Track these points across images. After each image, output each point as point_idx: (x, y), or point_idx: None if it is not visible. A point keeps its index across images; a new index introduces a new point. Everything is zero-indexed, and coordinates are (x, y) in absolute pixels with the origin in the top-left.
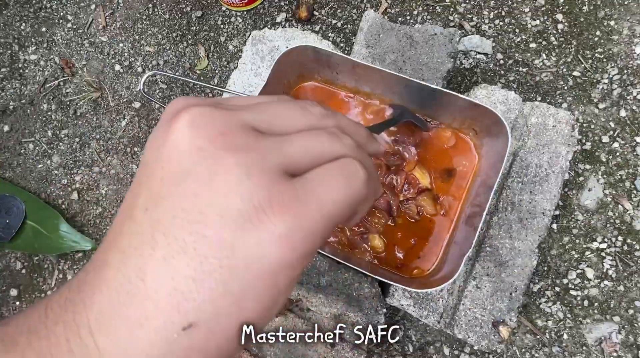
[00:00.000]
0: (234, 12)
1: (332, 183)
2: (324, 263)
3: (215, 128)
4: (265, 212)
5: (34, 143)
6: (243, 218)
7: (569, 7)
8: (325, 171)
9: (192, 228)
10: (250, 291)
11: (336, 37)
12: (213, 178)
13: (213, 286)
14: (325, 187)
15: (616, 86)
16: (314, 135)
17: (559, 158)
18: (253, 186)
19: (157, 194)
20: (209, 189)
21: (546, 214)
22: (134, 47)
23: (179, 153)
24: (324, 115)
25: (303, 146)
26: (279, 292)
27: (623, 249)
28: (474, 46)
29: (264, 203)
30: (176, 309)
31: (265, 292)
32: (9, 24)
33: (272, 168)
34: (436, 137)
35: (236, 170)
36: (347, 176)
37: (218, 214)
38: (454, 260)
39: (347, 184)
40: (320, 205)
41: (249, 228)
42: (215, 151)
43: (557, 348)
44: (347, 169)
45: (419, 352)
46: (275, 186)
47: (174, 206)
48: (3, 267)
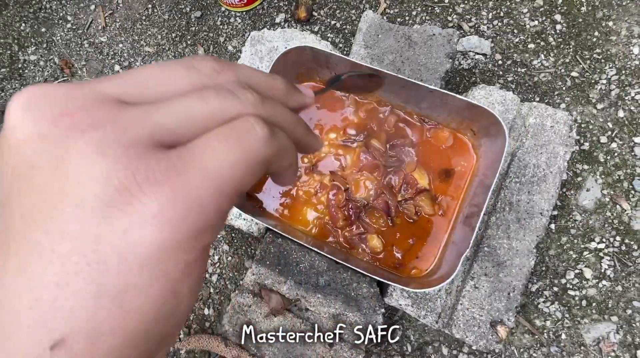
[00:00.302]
0: (233, 12)
1: (219, 146)
2: (323, 263)
3: (58, 107)
4: (131, 191)
5: None
6: (104, 203)
7: (568, 7)
8: (210, 134)
9: (46, 226)
10: (131, 287)
11: (335, 37)
12: (61, 165)
13: (82, 287)
14: (210, 152)
15: (614, 87)
16: (197, 96)
17: (557, 158)
18: (110, 165)
19: (4, 195)
20: (58, 179)
21: (544, 214)
22: (134, 48)
23: (18, 143)
24: (216, 70)
25: (182, 111)
26: (174, 280)
27: (621, 249)
28: (473, 47)
29: (127, 181)
30: (42, 324)
31: (151, 284)
32: (8, 25)
33: (136, 140)
34: (434, 137)
35: (87, 149)
36: (238, 136)
37: (74, 205)
38: (452, 260)
39: (239, 145)
40: (205, 172)
41: (114, 213)
42: (61, 133)
43: (555, 348)
44: (239, 128)
45: (417, 351)
46: (142, 160)
47: (22, 205)
48: None
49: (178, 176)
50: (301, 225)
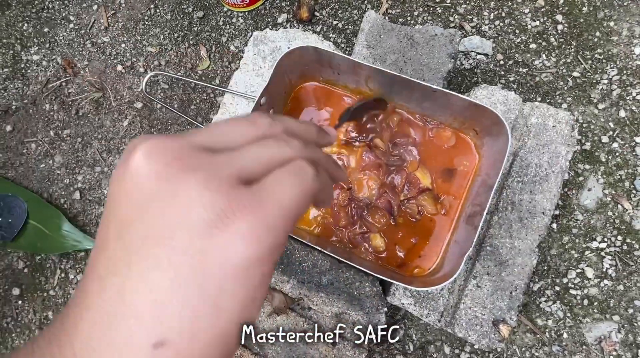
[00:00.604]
0: (235, 12)
1: (285, 183)
2: (326, 262)
3: (170, 154)
4: (228, 216)
5: (36, 143)
6: (208, 225)
7: (569, 8)
8: (277, 174)
9: (164, 243)
10: (225, 290)
11: (337, 37)
12: (175, 197)
13: (190, 291)
14: (278, 187)
15: (615, 87)
16: (262, 144)
17: (558, 158)
18: (213, 196)
19: (126, 221)
20: (173, 207)
21: (546, 213)
22: (136, 48)
23: (140, 180)
24: (271, 124)
25: (254, 155)
26: (254, 287)
27: (622, 248)
28: (474, 47)
29: (225, 208)
30: (158, 320)
31: (240, 289)
32: (11, 25)
33: (228, 178)
34: (437, 137)
35: (195, 185)
36: (296, 175)
37: (185, 227)
38: (454, 259)
39: (298, 181)
40: (277, 202)
41: (215, 233)
42: (174, 173)
43: (557, 347)
44: (296, 169)
45: (419, 350)
46: (234, 193)
47: (143, 228)
48: (5, 266)
49: (259, 206)
50: (304, 225)
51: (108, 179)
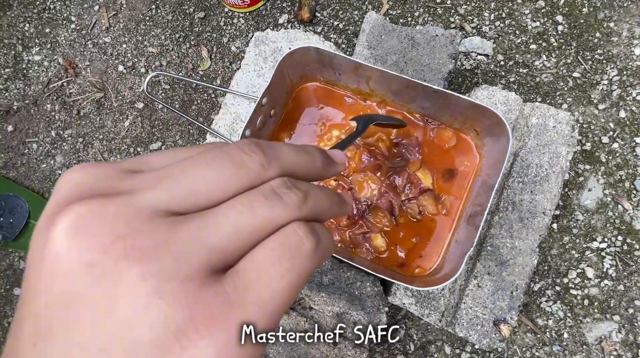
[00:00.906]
0: (236, 13)
1: (273, 271)
2: (327, 262)
3: (110, 230)
4: (188, 336)
5: (38, 143)
6: (159, 349)
7: (569, 9)
8: (262, 258)
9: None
10: None
11: (338, 38)
12: (114, 304)
13: None
14: (263, 279)
15: (616, 87)
16: (247, 206)
17: (559, 158)
18: (167, 308)
19: (45, 326)
20: (109, 318)
21: (546, 214)
22: (137, 48)
23: (64, 272)
24: (263, 167)
25: (231, 228)
26: None
27: (623, 249)
28: (475, 47)
29: (184, 325)
30: None
31: None
32: (12, 25)
33: (193, 272)
34: (438, 137)
35: (142, 288)
36: (290, 257)
37: (125, 350)
38: (455, 259)
39: (291, 266)
40: (260, 303)
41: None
42: (113, 264)
43: (557, 347)
44: (289, 245)
45: (420, 350)
46: (199, 298)
47: (67, 342)
48: (7, 266)
49: (236, 312)
50: None
51: None
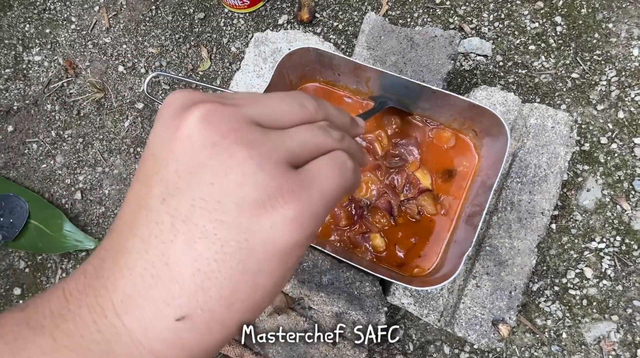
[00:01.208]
0: (236, 14)
1: (329, 174)
2: (326, 261)
3: (226, 124)
4: (277, 199)
5: (38, 143)
6: (258, 205)
7: (568, 9)
8: (322, 163)
9: (212, 216)
10: (264, 270)
11: (337, 39)
12: (229, 170)
13: (233, 265)
14: (323, 177)
15: (614, 88)
16: (309, 131)
17: (557, 159)
18: (265, 177)
19: (173, 186)
20: (225, 180)
21: (545, 214)
22: (137, 49)
23: (194, 147)
24: (316, 109)
25: (301, 141)
26: (288, 268)
27: (621, 249)
28: (474, 48)
29: (275, 191)
30: (200, 287)
31: (277, 270)
32: (13, 26)
33: (279, 160)
34: (437, 138)
35: (249, 162)
36: (339, 168)
37: (235, 203)
38: (454, 259)
39: (341, 174)
40: (321, 192)
41: (263, 213)
42: (229, 145)
43: (556, 347)
44: (339, 161)
45: (419, 350)
46: (284, 177)
47: (192, 196)
48: (7, 266)
49: (306, 193)
50: None
51: (109, 180)
